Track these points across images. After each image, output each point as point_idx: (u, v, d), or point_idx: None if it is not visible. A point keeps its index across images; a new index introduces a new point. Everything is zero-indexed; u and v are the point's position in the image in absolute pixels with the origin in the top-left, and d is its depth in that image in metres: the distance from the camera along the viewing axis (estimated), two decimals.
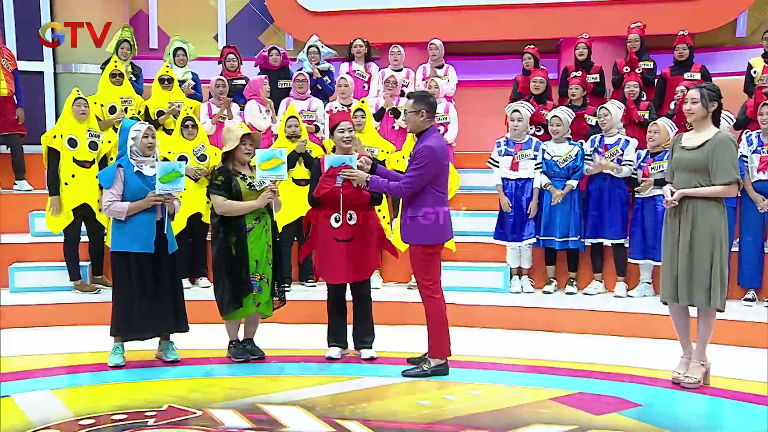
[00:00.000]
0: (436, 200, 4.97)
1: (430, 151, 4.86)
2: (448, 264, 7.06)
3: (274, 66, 8.57)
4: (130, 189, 5.12)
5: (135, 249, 5.11)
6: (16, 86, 8.26)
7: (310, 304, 6.47)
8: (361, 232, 5.31)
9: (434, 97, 5.07)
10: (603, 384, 4.94)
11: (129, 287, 5.13)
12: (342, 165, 5.12)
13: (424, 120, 4.97)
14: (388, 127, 8.00)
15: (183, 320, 5.35)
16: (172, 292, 5.27)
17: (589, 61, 8.10)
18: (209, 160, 7.11)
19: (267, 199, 5.13)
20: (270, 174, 5.09)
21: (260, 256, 5.20)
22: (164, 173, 5.05)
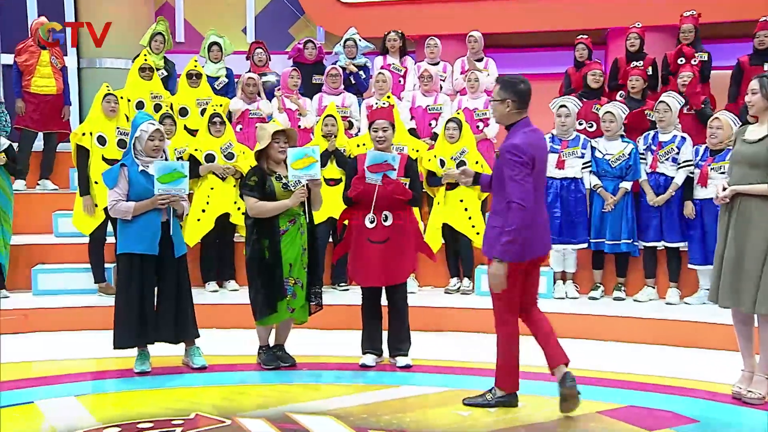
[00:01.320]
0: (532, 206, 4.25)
1: (514, 149, 4.20)
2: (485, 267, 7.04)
3: (308, 60, 8.63)
4: (134, 189, 5.13)
5: (138, 250, 5.12)
6: (64, 83, 8.46)
7: (343, 309, 6.47)
8: (397, 233, 5.30)
9: (527, 84, 4.40)
10: (655, 397, 4.82)
11: (127, 292, 5.16)
12: (384, 163, 5.14)
13: (511, 111, 4.35)
14: (425, 124, 8.01)
15: (188, 327, 5.34)
16: (176, 297, 5.27)
17: (641, 53, 8.00)
18: (237, 158, 7.17)
19: (300, 196, 5.14)
20: (302, 173, 5.10)
21: (294, 259, 5.21)
22: (163, 173, 5.04)
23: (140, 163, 5.17)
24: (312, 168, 5.11)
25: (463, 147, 7.02)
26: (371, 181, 5.17)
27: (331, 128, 7.14)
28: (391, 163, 5.13)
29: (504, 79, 4.45)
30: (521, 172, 4.16)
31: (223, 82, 8.50)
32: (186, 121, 7.88)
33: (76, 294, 6.99)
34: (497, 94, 4.38)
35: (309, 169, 5.11)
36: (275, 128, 5.26)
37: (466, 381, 5.21)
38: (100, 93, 6.92)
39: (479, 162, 7.06)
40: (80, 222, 6.92)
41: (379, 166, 5.13)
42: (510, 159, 4.18)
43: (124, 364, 5.41)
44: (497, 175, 4.36)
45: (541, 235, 4.40)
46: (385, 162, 5.13)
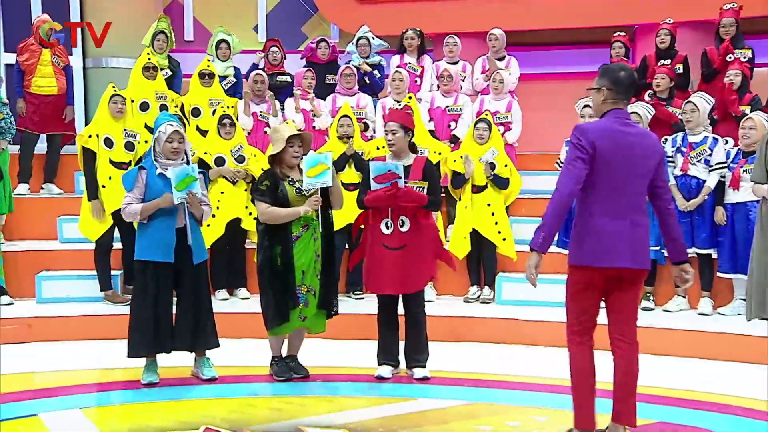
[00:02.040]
0: (593, 204, 3.97)
1: (575, 130, 3.95)
2: (507, 275, 7.20)
3: (321, 59, 8.67)
4: (151, 192, 5.16)
5: (154, 257, 5.17)
6: (67, 83, 8.51)
7: (358, 318, 6.47)
8: (415, 239, 5.30)
9: (628, 72, 4.08)
10: (687, 413, 4.79)
11: (143, 298, 5.21)
12: (388, 173, 5.15)
13: (606, 100, 4.03)
14: (444, 128, 8.01)
15: (207, 336, 5.37)
16: (194, 306, 5.30)
17: (672, 50, 7.95)
18: (248, 161, 7.19)
19: (314, 204, 5.16)
20: (316, 181, 5.14)
21: (307, 266, 5.22)
22: (179, 179, 5.07)
23: (159, 165, 5.20)
24: (325, 175, 5.15)
25: (492, 148, 7.02)
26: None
27: (346, 129, 7.17)
28: (395, 172, 5.14)
29: (604, 65, 4.18)
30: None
31: (231, 82, 8.52)
32: (198, 122, 7.92)
33: (82, 302, 7.01)
34: (595, 82, 4.09)
35: (322, 176, 5.15)
36: (290, 132, 5.27)
37: (486, 394, 5.22)
38: (107, 94, 6.94)
39: (508, 165, 7.09)
40: (86, 227, 6.95)
41: (384, 176, 5.16)
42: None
43: (131, 375, 5.43)
44: None
45: (609, 244, 3.93)
46: (388, 171, 5.15)
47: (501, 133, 7.68)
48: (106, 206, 6.82)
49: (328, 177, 5.15)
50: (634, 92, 4.20)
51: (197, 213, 5.25)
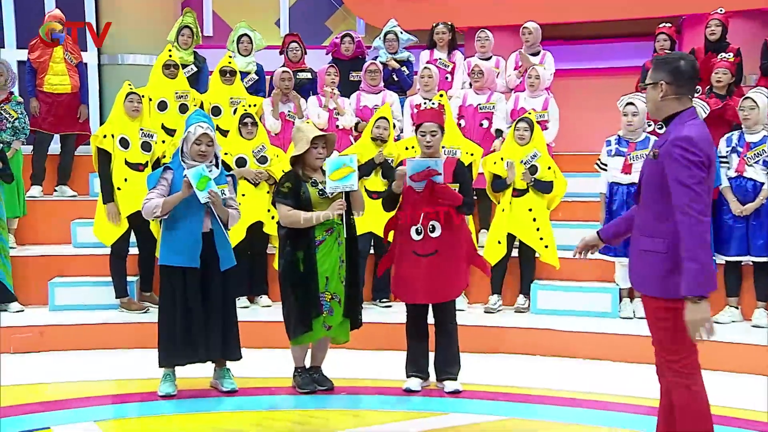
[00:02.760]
0: None
1: (687, 144, 3.45)
2: (546, 283, 7.19)
3: (345, 55, 8.68)
4: (177, 189, 5.16)
5: (179, 263, 5.19)
6: (81, 81, 8.57)
7: (385, 328, 6.47)
8: (447, 245, 5.28)
9: (690, 61, 3.64)
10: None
11: (171, 306, 5.24)
12: (426, 170, 5.14)
13: (666, 97, 3.62)
14: (475, 125, 7.98)
15: (234, 346, 5.40)
16: (221, 314, 5.32)
17: (723, 42, 7.85)
18: (270, 162, 7.22)
19: (338, 209, 5.16)
20: (341, 184, 5.14)
21: (331, 272, 5.22)
22: (197, 179, 5.07)
23: (186, 167, 5.19)
24: (349, 179, 5.14)
25: (534, 150, 6.97)
26: (415, 188, 5.20)
27: (382, 132, 7.13)
28: (435, 168, 5.12)
29: (658, 57, 3.77)
30: (696, 175, 3.42)
31: (252, 79, 8.55)
32: (219, 121, 7.92)
33: (96, 310, 7.04)
34: (649, 76, 3.68)
35: (347, 179, 5.14)
36: (315, 133, 5.29)
37: (520, 409, 5.19)
38: (122, 92, 6.98)
39: (552, 168, 7.04)
40: (101, 231, 6.99)
41: (422, 173, 5.14)
42: (681, 156, 3.43)
43: (147, 386, 5.47)
44: (653, 180, 3.62)
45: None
46: (427, 168, 5.14)
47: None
48: (122, 209, 6.87)
49: (353, 180, 5.15)
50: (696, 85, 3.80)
51: (222, 215, 5.27)
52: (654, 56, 3.87)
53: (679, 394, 3.60)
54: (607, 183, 6.89)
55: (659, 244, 3.54)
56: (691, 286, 3.37)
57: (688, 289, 3.37)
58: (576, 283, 7.14)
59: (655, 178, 3.58)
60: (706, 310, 3.39)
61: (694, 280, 3.36)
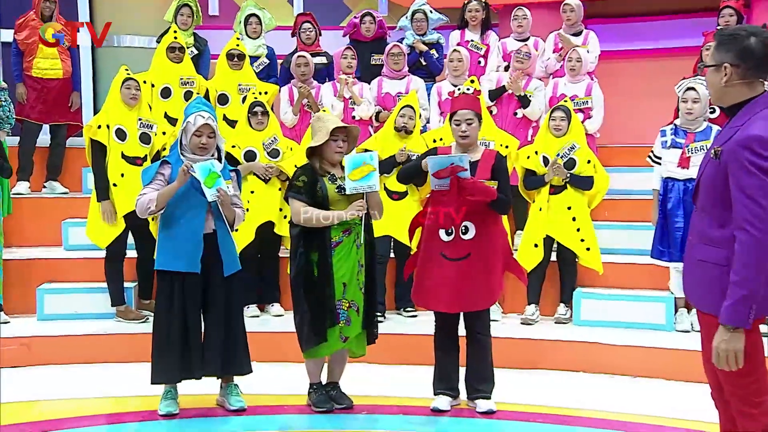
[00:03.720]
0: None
1: (757, 144, 3.22)
2: (590, 291, 7.18)
3: (366, 37, 8.69)
4: (176, 193, 5.19)
5: (177, 268, 5.21)
6: (73, 65, 8.61)
7: (410, 340, 6.49)
8: (480, 248, 5.26)
9: (763, 36, 3.34)
10: None
11: (167, 315, 5.26)
12: (451, 166, 5.13)
13: (731, 82, 3.38)
14: (509, 113, 7.97)
15: (242, 360, 5.42)
16: (224, 325, 5.33)
17: None
18: (282, 156, 7.25)
19: (357, 210, 5.16)
20: (360, 184, 5.14)
21: (349, 278, 5.22)
22: (205, 175, 5.10)
23: (185, 161, 5.21)
24: (370, 178, 5.15)
25: (572, 142, 6.96)
26: (438, 187, 5.21)
27: (407, 121, 7.13)
28: (460, 164, 5.11)
29: (722, 32, 3.48)
30: (763, 183, 3.21)
31: (263, 64, 8.59)
32: (226, 111, 7.97)
33: (90, 319, 7.08)
34: (710, 57, 3.46)
35: (367, 179, 5.15)
36: (336, 124, 5.29)
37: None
38: (118, 78, 7.01)
39: (591, 161, 7.03)
40: (95, 232, 7.02)
41: (445, 171, 5.14)
42: (748, 161, 3.23)
43: (146, 404, 5.48)
44: (713, 182, 3.43)
45: None
46: (451, 165, 5.12)
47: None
48: (119, 208, 6.89)
49: (374, 180, 5.15)
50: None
51: (229, 215, 5.29)
52: (716, 31, 3.62)
53: (745, 424, 3.44)
54: (661, 179, 6.86)
55: (719, 253, 3.35)
56: (731, 314, 3.23)
57: (727, 317, 3.24)
58: (624, 291, 7.13)
59: (716, 180, 3.37)
60: (740, 340, 3.25)
61: (736, 309, 3.22)
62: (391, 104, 7.89)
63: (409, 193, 7.09)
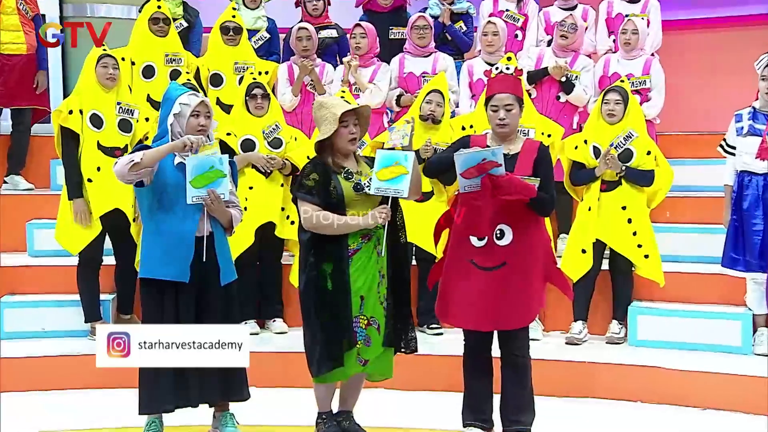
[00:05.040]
0: None
1: None
2: (648, 306, 7.20)
3: (383, 6, 8.71)
4: (165, 186, 5.20)
5: (165, 276, 5.22)
6: (38, 39, 8.61)
7: (435, 361, 6.53)
8: (519, 256, 5.24)
9: None
10: None
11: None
12: (483, 162, 5.10)
13: None
14: (550, 96, 8.03)
15: (238, 384, 5.41)
16: None
17: None
18: (285, 146, 7.29)
19: (380, 217, 5.12)
20: (388, 187, 5.11)
21: (368, 290, 5.19)
22: (198, 173, 5.12)
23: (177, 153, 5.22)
24: (400, 181, 5.09)
25: (628, 129, 6.97)
26: (468, 189, 5.19)
27: (435, 108, 7.17)
28: (493, 159, 5.07)
29: None
30: None
31: (262, 38, 8.66)
32: (219, 93, 8.04)
33: (59, 338, 7.10)
34: None
35: (396, 182, 5.10)
36: (343, 107, 5.25)
37: None
38: (93, 54, 7.04)
39: (652, 152, 7.03)
40: (66, 236, 7.05)
41: (477, 168, 5.11)
42: None
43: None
44: None
45: None
46: (483, 161, 5.08)
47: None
48: (94, 207, 6.94)
49: (404, 185, 5.09)
50: None
51: (223, 218, 5.33)
52: None
53: None
54: (735, 172, 6.85)
55: None
56: None
57: None
58: (691, 307, 7.13)
59: None
60: None
61: None
62: (415, 86, 7.98)
63: (435, 194, 7.17)
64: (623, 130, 6.97)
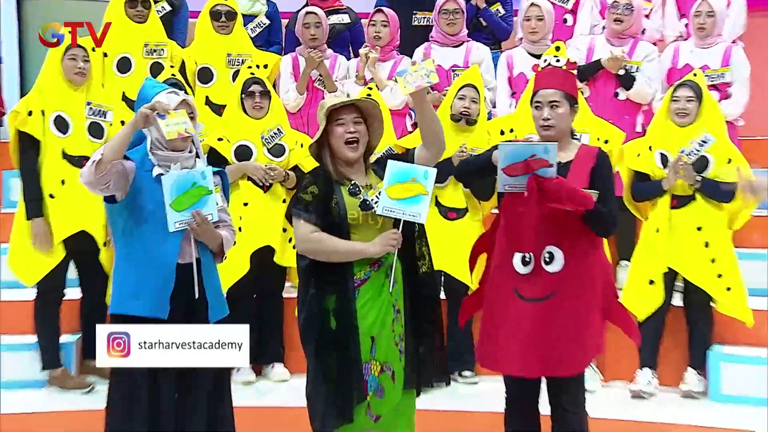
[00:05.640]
0: None
1: None
2: (733, 351, 7.18)
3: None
4: (141, 202, 5.18)
5: (140, 311, 5.19)
6: None
7: (469, 418, 6.51)
8: (571, 285, 5.16)
9: None
10: None
11: (128, 381, 5.24)
12: (531, 159, 5.02)
13: None
14: (608, 93, 8.08)
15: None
16: (206, 394, 5.35)
17: None
18: (288, 154, 7.31)
19: (389, 244, 5.03)
20: (398, 207, 5.03)
21: (380, 329, 5.10)
22: (178, 193, 5.12)
23: (157, 160, 5.21)
24: (417, 202, 5.01)
25: (703, 133, 6.91)
26: (509, 188, 5.12)
27: (470, 105, 7.14)
28: (544, 156, 5.00)
29: None
30: None
31: (261, 25, 8.77)
32: (209, 91, 8.13)
33: (12, 389, 7.04)
34: None
35: (412, 203, 5.01)
36: (334, 101, 5.20)
37: None
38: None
39: (733, 160, 6.98)
40: (22, 264, 7.04)
41: (523, 165, 5.04)
42: None
43: None
44: None
45: None
46: (531, 157, 5.02)
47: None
48: (56, 229, 6.91)
49: (422, 208, 5.01)
50: None
51: (211, 242, 5.33)
52: None
53: None
54: None
55: None
56: None
57: None
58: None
59: None
60: None
61: None
62: (443, 82, 7.96)
63: (469, 210, 7.22)
64: (697, 134, 6.93)
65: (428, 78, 4.98)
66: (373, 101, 5.35)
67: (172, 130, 5.07)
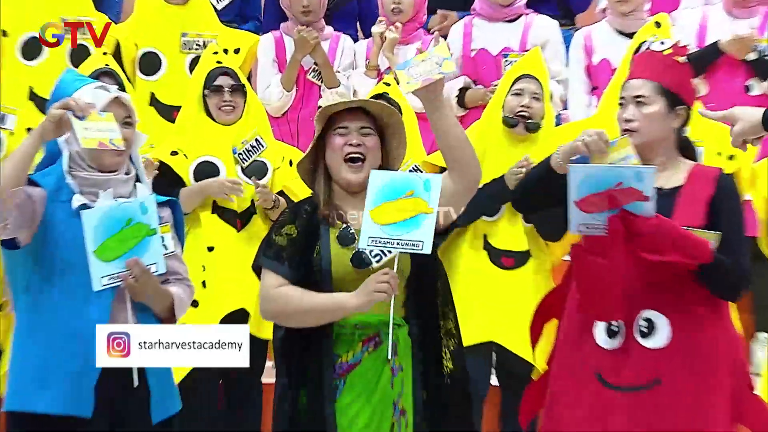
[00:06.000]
0: None
1: None
2: None
3: None
4: (55, 248, 5.14)
5: (49, 408, 5.14)
6: None
7: None
8: (681, 367, 5.05)
9: None
10: None
11: None
12: (616, 188, 4.91)
13: None
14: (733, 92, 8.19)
15: None
16: None
17: None
18: (272, 174, 7.35)
19: (379, 290, 4.84)
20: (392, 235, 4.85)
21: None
22: (107, 235, 5.11)
23: (78, 185, 5.16)
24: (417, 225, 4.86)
25: None
26: (585, 230, 5.10)
27: (531, 104, 7.08)
28: (636, 186, 4.97)
29: None
30: None
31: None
32: (155, 86, 8.43)
33: None
34: None
35: (410, 226, 4.86)
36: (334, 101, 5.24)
37: None
38: None
39: None
40: None
41: (605, 196, 5.02)
42: None
43: None
44: None
45: None
46: (618, 185, 4.97)
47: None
48: None
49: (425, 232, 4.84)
50: None
51: (156, 303, 5.32)
52: None
53: None
54: None
55: None
56: None
57: None
58: None
59: None
60: None
61: None
62: (492, 73, 8.18)
63: (533, 256, 7.20)
64: None
65: (440, 68, 4.86)
66: (390, 105, 5.25)
67: (91, 137, 4.97)
